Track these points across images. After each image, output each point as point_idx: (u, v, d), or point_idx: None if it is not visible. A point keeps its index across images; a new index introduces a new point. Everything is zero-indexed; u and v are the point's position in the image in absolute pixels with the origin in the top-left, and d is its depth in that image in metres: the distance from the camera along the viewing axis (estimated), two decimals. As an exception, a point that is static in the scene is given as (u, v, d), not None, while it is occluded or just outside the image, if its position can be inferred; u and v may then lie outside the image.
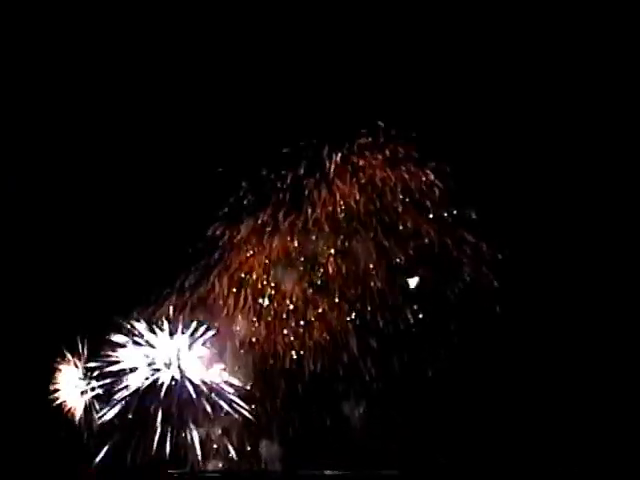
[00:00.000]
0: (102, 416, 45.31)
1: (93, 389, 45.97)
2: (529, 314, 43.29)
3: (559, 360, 43.58)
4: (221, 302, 45.22)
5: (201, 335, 45.08)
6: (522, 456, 43.05)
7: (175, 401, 44.93)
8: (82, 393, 46.17)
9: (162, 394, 44.77)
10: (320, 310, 44.75)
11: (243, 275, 45.30)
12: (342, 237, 45.03)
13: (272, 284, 45.12)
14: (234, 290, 45.23)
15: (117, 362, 45.59)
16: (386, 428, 43.96)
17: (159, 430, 44.69)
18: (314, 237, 44.99)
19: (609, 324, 43.36)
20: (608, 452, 42.41)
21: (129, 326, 45.26)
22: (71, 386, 46.42)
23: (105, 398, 45.79)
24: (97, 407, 45.68)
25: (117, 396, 45.25)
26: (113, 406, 45.30)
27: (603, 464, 42.07)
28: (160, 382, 44.96)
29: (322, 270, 44.89)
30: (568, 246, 43.72)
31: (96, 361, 45.70)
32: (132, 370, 45.40)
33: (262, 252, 45.24)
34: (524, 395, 43.51)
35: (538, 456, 43.09)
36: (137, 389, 45.16)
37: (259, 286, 45.26)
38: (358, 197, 45.11)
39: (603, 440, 42.56)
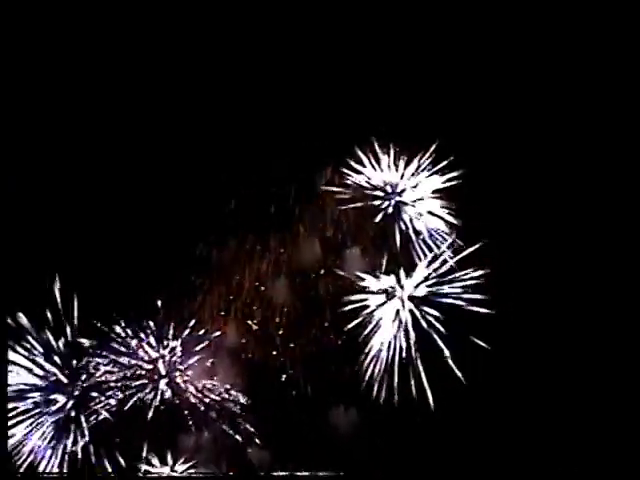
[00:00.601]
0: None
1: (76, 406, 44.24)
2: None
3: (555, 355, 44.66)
4: (210, 320, 44.96)
5: (194, 343, 44.47)
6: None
7: (165, 418, 44.65)
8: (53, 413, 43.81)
9: (150, 413, 44.26)
10: (312, 327, 45.12)
11: (232, 297, 45.16)
12: (332, 254, 45.24)
13: (261, 305, 45.18)
14: (222, 313, 45.03)
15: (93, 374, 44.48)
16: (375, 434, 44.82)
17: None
18: (304, 253, 44.98)
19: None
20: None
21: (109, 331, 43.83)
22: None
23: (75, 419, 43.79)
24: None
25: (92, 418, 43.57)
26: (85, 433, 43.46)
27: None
28: (149, 398, 44.44)
29: (312, 288, 45.12)
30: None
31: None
32: (111, 385, 44.39)
33: (251, 271, 45.07)
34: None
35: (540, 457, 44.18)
36: (118, 410, 43.86)
37: (248, 308, 45.24)
38: (349, 213, 45.25)
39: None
